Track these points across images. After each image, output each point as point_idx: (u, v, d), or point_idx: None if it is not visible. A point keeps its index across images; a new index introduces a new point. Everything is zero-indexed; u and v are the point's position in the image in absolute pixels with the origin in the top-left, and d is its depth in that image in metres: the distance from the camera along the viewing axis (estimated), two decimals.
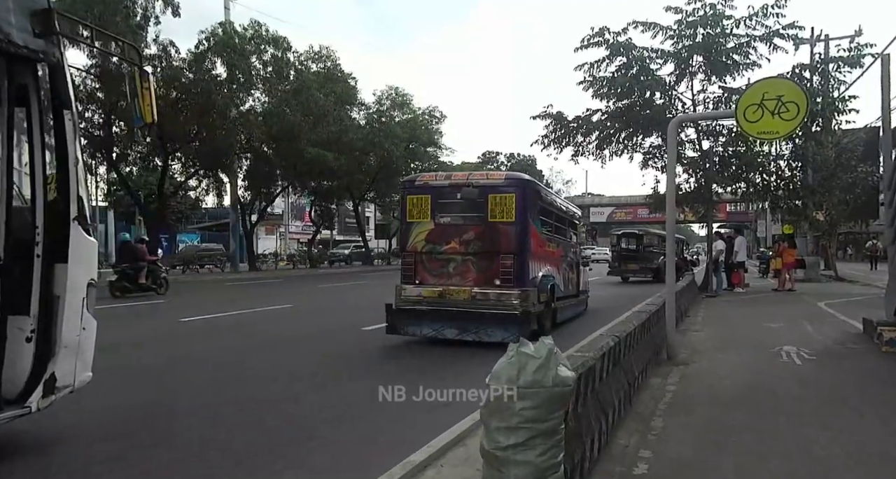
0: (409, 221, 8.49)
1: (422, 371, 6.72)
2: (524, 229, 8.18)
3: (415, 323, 8.22)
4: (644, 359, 5.83)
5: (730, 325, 10.16)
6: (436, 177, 8.62)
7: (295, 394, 5.67)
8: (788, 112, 6.03)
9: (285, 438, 4.31)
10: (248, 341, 8.76)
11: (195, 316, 11.10)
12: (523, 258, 8.20)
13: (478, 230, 8.23)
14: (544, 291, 8.94)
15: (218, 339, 9.12)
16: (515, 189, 8.13)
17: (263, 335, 9.41)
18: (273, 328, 10.21)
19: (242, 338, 9.13)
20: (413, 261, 8.39)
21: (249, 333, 9.65)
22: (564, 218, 10.94)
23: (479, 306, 8.07)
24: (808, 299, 14.97)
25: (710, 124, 18.38)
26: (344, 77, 31.35)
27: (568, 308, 10.96)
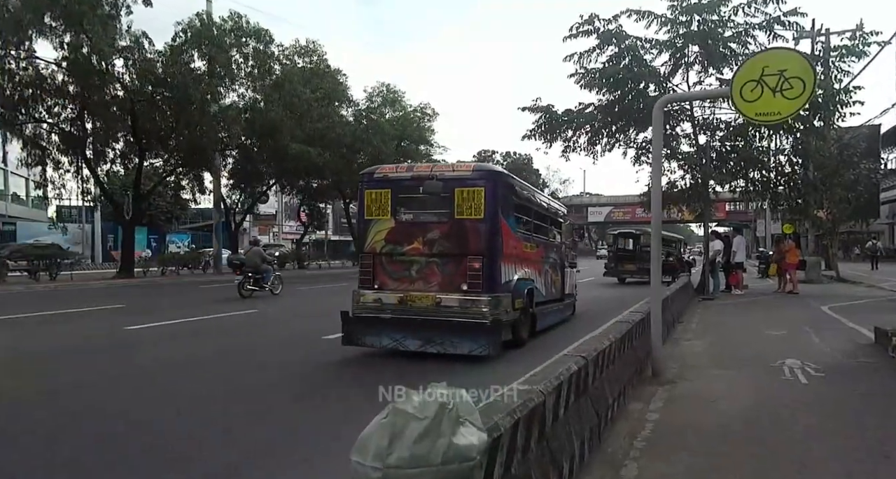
0: (367, 219, 7.59)
1: (374, 393, 5.82)
2: (495, 228, 7.29)
3: (373, 333, 7.33)
4: (623, 379, 4.95)
5: (727, 333, 9.26)
6: (396, 169, 7.70)
7: (228, 422, 4.78)
8: (792, 89, 5.14)
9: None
10: (195, 354, 7.87)
11: (146, 323, 10.20)
12: (494, 260, 7.30)
13: (443, 229, 7.35)
14: (520, 296, 8.05)
15: (163, 350, 8.22)
16: (485, 182, 7.24)
17: (216, 346, 8.52)
18: (229, 337, 9.32)
19: (192, 349, 8.24)
20: (371, 263, 7.50)
21: (201, 342, 8.76)
22: (546, 215, 10.03)
23: (445, 314, 7.18)
24: (811, 303, 14.08)
25: (706, 117, 17.51)
26: (331, 72, 30.44)
27: (551, 314, 10.06)
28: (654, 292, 5.96)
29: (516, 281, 7.99)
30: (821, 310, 12.24)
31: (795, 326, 9.64)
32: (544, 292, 9.73)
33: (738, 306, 13.44)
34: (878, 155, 31.82)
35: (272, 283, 16.35)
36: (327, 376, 6.63)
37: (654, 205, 5.89)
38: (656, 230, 5.92)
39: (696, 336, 8.83)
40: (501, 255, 7.43)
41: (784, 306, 13.46)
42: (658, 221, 5.90)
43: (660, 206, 5.93)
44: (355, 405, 5.00)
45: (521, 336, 8.20)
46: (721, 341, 8.34)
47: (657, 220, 5.90)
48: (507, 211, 7.62)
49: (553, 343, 8.38)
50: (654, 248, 5.97)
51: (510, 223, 7.74)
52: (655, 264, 5.95)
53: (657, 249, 5.95)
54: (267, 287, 16.01)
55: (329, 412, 5.08)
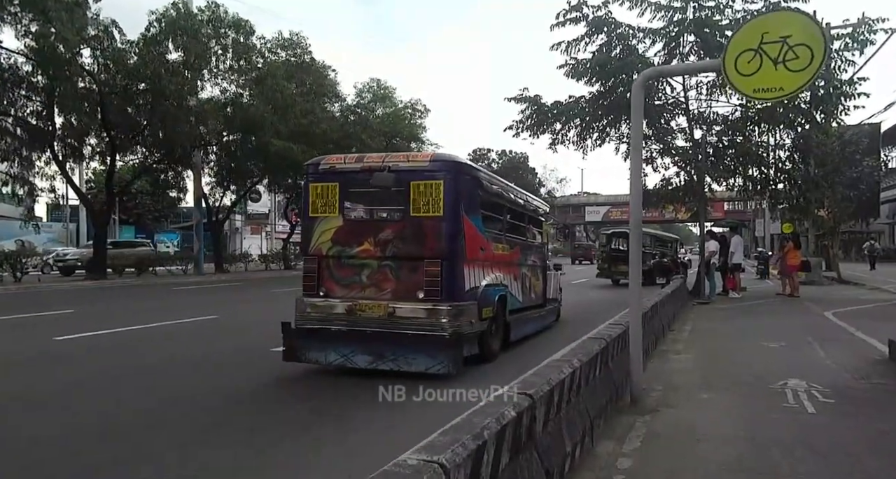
0: (311, 217, 6.67)
1: (312, 424, 4.93)
2: (456, 227, 6.38)
3: (318, 348, 6.41)
4: (592, 412, 4.05)
5: (721, 344, 8.36)
6: (345, 159, 6.75)
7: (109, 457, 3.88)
8: (797, 59, 4.23)
9: None
10: (121, 369, 6.95)
11: (84, 332, 9.29)
12: (454, 264, 6.40)
13: (397, 228, 6.44)
14: (489, 304, 7.15)
15: (88, 364, 7.31)
16: (444, 174, 6.32)
17: (150, 359, 7.59)
18: (170, 348, 8.40)
19: (122, 363, 7.30)
20: (316, 267, 6.58)
21: (138, 354, 7.84)
22: (523, 213, 9.12)
23: (398, 326, 6.27)
24: (812, 308, 13.19)
25: (703, 111, 16.63)
26: (316, 66, 29.47)
27: (529, 322, 9.16)
28: (634, 307, 5.05)
29: (484, 287, 7.08)
30: (824, 316, 11.35)
31: (797, 336, 8.74)
32: (521, 298, 8.83)
33: (735, 312, 12.55)
34: (878, 154, 31.07)
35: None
36: (260, 402, 5.71)
37: (634, 198, 4.98)
38: (636, 227, 5.01)
39: (686, 348, 7.94)
40: (464, 258, 6.53)
41: (783, 311, 12.57)
42: (637, 216, 4.99)
43: (639, 198, 5.02)
44: (294, 439, 4.13)
45: (490, 349, 7.31)
46: (714, 355, 7.44)
47: (636, 215, 4.99)
48: (471, 208, 6.71)
49: (528, 356, 7.46)
50: (632, 250, 5.06)
51: (475, 222, 6.83)
52: (635, 268, 5.04)
53: (637, 251, 5.04)
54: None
55: (251, 446, 4.19)
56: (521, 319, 8.77)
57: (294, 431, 4.62)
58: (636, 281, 5.03)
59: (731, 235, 17.31)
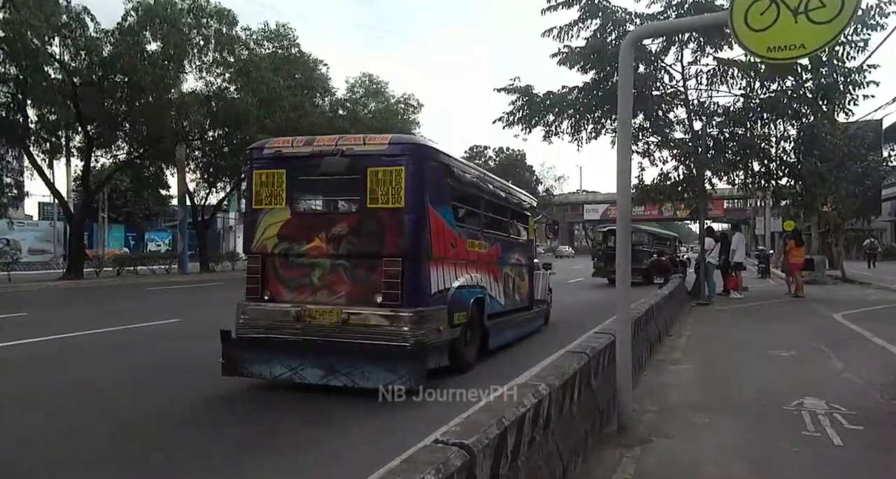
0: (255, 209, 5.83)
1: (242, 459, 4.11)
2: (420, 220, 5.54)
3: (262, 360, 5.57)
4: (566, 450, 3.23)
5: (723, 352, 7.53)
6: (292, 142, 5.88)
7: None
8: (823, 9, 3.39)
9: None
10: (44, 385, 6.10)
11: (28, 338, 8.47)
12: (418, 263, 5.57)
13: (352, 222, 5.61)
14: (462, 308, 6.32)
15: (11, 378, 6.48)
16: (406, 159, 5.48)
17: (83, 372, 6.73)
18: (113, 358, 7.55)
19: (48, 377, 6.44)
20: (261, 267, 5.74)
21: (72, 367, 6.98)
22: (504, 207, 8.28)
23: (353, 335, 5.44)
24: (819, 309, 12.38)
25: (703, 101, 15.78)
26: (304, 59, 28.61)
27: (512, 327, 8.33)
28: (621, 315, 4.20)
29: (455, 290, 6.24)
30: (833, 319, 10.53)
31: (807, 342, 7.92)
32: (502, 300, 8.00)
33: (737, 315, 11.72)
34: (880, 150, 30.35)
35: None
36: (184, 428, 4.88)
37: (621, 184, 4.12)
38: (624, 219, 4.16)
39: (685, 356, 7.11)
40: (430, 256, 5.69)
41: (788, 314, 11.74)
42: (625, 206, 4.14)
43: (628, 182, 4.17)
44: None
45: (464, 359, 6.48)
46: (716, 366, 6.60)
47: (624, 205, 4.13)
48: (439, 198, 5.87)
49: (509, 367, 6.66)
50: (619, 246, 4.21)
51: (444, 215, 5.99)
52: (623, 269, 4.19)
53: (625, 247, 4.20)
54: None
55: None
56: (503, 324, 7.94)
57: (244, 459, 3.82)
58: (624, 283, 4.19)
59: (732, 233, 16.47)
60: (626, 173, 4.16)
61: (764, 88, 14.96)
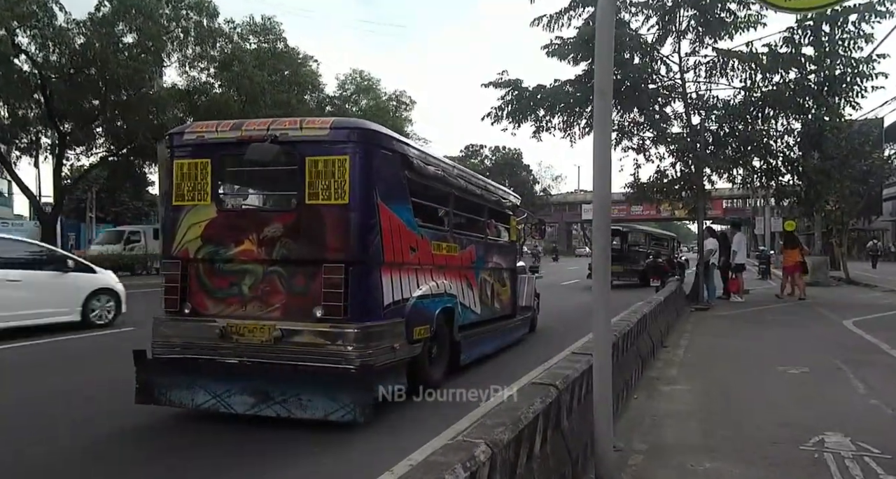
0: (176, 206, 4.96)
1: None
2: (368, 218, 4.68)
3: (182, 385, 4.70)
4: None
5: (725, 369, 6.67)
6: (217, 127, 4.96)
7: None
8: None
9: None
10: None
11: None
12: (367, 269, 4.71)
13: (289, 221, 4.75)
14: (423, 321, 5.46)
15: None
16: (351, 147, 4.62)
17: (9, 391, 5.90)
18: (36, 376, 6.71)
19: None
20: (181, 274, 4.87)
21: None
22: (480, 204, 7.42)
23: (289, 356, 4.58)
24: (827, 314, 11.58)
25: (701, 94, 14.96)
26: (291, 54, 27.76)
27: (490, 339, 7.47)
28: (599, 338, 3.33)
29: (416, 300, 5.39)
30: (844, 327, 9.70)
31: (820, 356, 7.08)
32: (478, 309, 7.15)
33: (739, 321, 10.88)
34: (881, 150, 29.69)
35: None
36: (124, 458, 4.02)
37: (598, 163, 3.23)
38: (601, 209, 3.27)
39: (682, 374, 6.26)
40: (381, 261, 4.84)
41: (795, 321, 10.90)
42: (602, 190, 3.25)
43: (608, 160, 3.28)
44: None
45: (428, 378, 5.62)
46: (718, 387, 5.74)
47: (602, 189, 3.25)
48: (394, 194, 5.02)
49: (482, 387, 5.80)
50: (598, 242, 3.33)
51: (401, 213, 5.13)
52: (601, 274, 3.31)
53: (602, 244, 3.32)
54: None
55: None
56: (479, 335, 7.09)
57: None
58: (602, 293, 3.32)
59: (732, 233, 15.64)
60: (605, 150, 3.29)
61: (766, 80, 14.16)
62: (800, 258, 14.94)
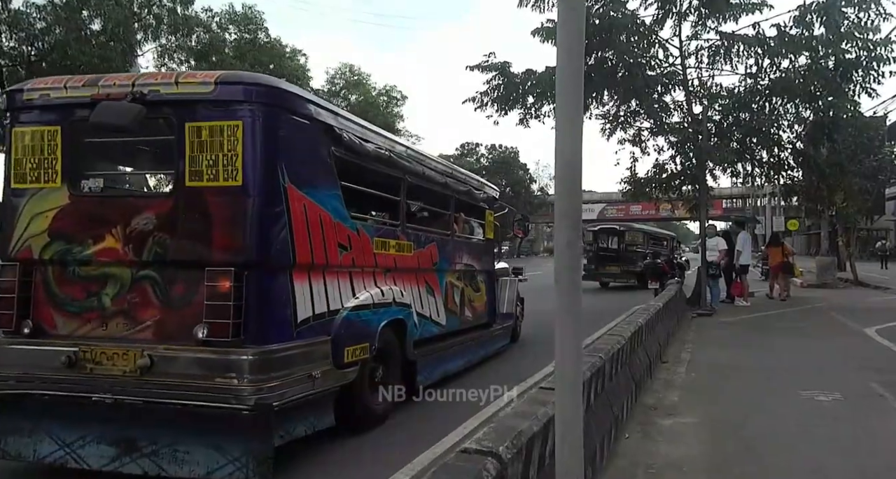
0: (15, 189, 3.77)
1: None
2: (271, 206, 3.51)
3: (19, 431, 3.52)
4: None
5: (738, 395, 5.46)
6: (65, 83, 3.70)
7: None
8: None
9: None
10: None
11: None
12: (269, 274, 3.56)
13: (165, 210, 3.58)
14: (361, 339, 4.30)
15: None
16: (247, 110, 3.43)
17: None
18: None
19: None
20: (19, 281, 3.66)
21: None
22: (445, 195, 6.23)
23: (161, 392, 3.40)
24: (843, 320, 10.47)
25: (704, 80, 13.82)
26: (273, 46, 26.61)
27: (459, 353, 6.31)
28: (565, 382, 2.16)
29: (350, 312, 4.23)
30: (868, 337, 8.58)
31: (850, 375, 5.93)
32: (443, 319, 6.00)
33: (748, 329, 9.73)
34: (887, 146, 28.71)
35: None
36: None
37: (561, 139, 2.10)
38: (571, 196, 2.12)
39: (684, 401, 5.10)
40: (291, 262, 3.66)
41: (811, 328, 9.75)
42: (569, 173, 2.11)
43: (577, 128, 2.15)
44: None
45: (368, 411, 4.48)
46: (730, 424, 4.56)
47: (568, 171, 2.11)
48: (313, 175, 3.86)
49: (436, 421, 4.67)
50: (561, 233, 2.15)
51: (325, 200, 3.95)
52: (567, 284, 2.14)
53: (566, 246, 2.15)
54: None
55: None
56: (443, 350, 5.93)
57: None
58: (571, 312, 2.16)
59: (736, 232, 14.48)
60: (575, 105, 2.14)
61: (774, 66, 13.01)
62: (783, 258, 14.59)
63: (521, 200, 53.71)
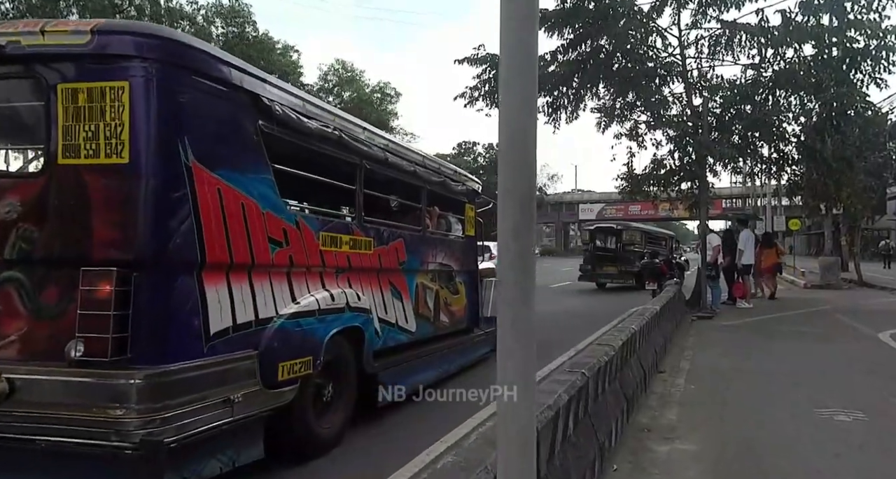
0: None
1: None
2: (168, 189, 2.82)
3: None
4: None
5: (744, 413, 4.76)
6: None
7: None
8: None
9: None
10: None
11: None
12: (167, 275, 2.86)
13: (31, 193, 2.87)
14: (303, 352, 3.61)
15: None
16: (137, 67, 2.73)
17: None
18: None
19: None
20: None
21: None
22: (415, 186, 5.52)
23: (25, 426, 2.69)
24: (852, 323, 9.82)
25: (704, 70, 13.15)
26: (263, 42, 25.95)
27: (433, 363, 5.61)
28: (508, 434, 1.48)
29: (286, 320, 3.53)
30: (882, 343, 7.91)
31: (871, 389, 5.25)
32: (412, 325, 5.31)
33: (752, 333, 9.04)
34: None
35: None
36: None
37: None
38: (519, 141, 1.46)
39: (684, 421, 4.41)
40: (197, 260, 2.95)
41: (819, 332, 9.07)
42: (522, 90, 1.45)
43: (531, 46, 1.48)
44: None
45: (311, 435, 3.80)
46: (738, 452, 3.85)
47: (519, 91, 1.45)
48: (231, 154, 3.17)
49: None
50: (502, 226, 1.48)
51: (249, 185, 3.25)
52: (511, 296, 1.46)
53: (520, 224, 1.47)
54: None
55: None
56: (412, 360, 5.24)
57: None
58: (522, 335, 1.47)
59: (739, 230, 13.80)
60: (527, 39, 1.46)
61: (778, 56, 12.33)
62: (776, 259, 14.49)
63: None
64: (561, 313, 12.49)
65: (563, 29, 11.74)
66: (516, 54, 1.58)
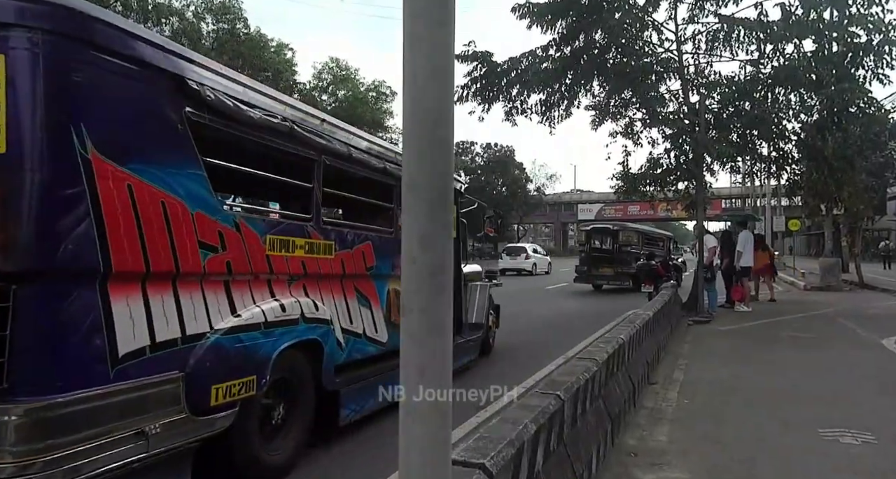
0: None
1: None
2: (58, 185, 2.39)
3: None
4: None
5: (741, 433, 4.32)
6: None
7: None
8: None
9: None
10: None
11: None
12: (61, 287, 2.42)
13: None
14: (244, 371, 3.20)
15: None
16: (18, 36, 2.29)
17: None
18: None
19: None
20: None
21: None
22: (385, 183, 5.04)
23: None
24: (855, 329, 9.41)
25: (702, 69, 12.74)
26: (254, 39, 25.50)
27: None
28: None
29: (221, 336, 3.11)
30: (885, 349, 7.52)
31: (880, 406, 4.83)
32: (382, 335, 4.90)
33: (749, 340, 8.61)
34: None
35: None
36: None
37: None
38: (430, 119, 1.07)
39: (675, 441, 3.99)
40: (99, 268, 2.51)
41: (820, 339, 8.65)
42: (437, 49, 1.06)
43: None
44: None
45: (256, 463, 3.38)
46: (735, 476, 3.47)
47: (429, 51, 1.06)
48: (147, 142, 2.75)
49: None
50: (407, 231, 1.71)
51: (171, 181, 2.82)
52: (418, 339, 1.09)
53: (428, 230, 1.08)
54: None
55: None
56: (381, 373, 4.80)
57: None
58: (420, 388, 1.07)
59: (737, 231, 13.38)
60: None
61: (777, 52, 11.94)
62: (769, 261, 14.30)
63: (517, 200, 52.62)
64: (556, 316, 12.09)
65: (556, 23, 11.30)
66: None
